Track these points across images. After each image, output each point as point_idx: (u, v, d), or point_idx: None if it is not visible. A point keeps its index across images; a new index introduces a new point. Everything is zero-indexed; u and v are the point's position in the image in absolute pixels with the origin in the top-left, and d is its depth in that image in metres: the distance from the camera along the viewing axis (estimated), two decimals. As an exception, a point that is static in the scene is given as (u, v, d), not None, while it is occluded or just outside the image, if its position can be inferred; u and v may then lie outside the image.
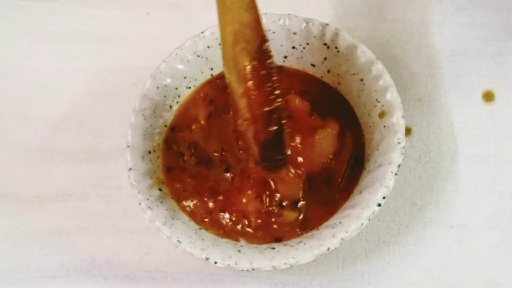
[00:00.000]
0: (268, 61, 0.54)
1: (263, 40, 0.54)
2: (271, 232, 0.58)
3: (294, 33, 0.61)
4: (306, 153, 0.58)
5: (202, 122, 0.61)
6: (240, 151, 0.58)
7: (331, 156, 0.59)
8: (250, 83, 0.54)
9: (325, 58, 0.61)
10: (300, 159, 0.58)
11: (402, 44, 0.66)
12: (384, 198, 0.55)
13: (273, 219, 0.58)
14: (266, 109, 0.54)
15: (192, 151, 0.60)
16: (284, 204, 0.58)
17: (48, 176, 0.64)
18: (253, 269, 0.54)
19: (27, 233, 0.63)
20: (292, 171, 0.58)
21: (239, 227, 0.58)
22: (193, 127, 0.61)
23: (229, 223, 0.58)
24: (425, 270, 0.59)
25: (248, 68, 0.53)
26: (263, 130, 0.55)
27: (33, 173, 0.65)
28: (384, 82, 0.59)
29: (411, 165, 0.62)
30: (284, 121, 0.55)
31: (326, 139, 0.58)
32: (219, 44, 0.61)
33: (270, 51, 0.54)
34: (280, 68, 0.62)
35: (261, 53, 0.54)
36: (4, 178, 0.65)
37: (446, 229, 0.60)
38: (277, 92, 0.54)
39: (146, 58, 0.66)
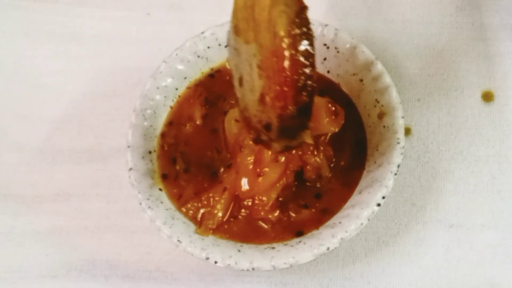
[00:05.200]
0: (306, 28, 0.50)
1: (303, 6, 0.50)
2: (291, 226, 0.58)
3: (294, 34, 0.61)
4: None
5: (198, 122, 0.61)
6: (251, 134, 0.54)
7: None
8: (286, 44, 0.49)
9: (324, 59, 0.62)
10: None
11: (401, 45, 0.66)
12: (383, 198, 0.55)
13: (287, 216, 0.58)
14: (302, 76, 0.49)
15: (181, 157, 0.60)
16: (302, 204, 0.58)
17: (49, 176, 0.64)
18: (253, 269, 0.55)
19: (28, 232, 0.63)
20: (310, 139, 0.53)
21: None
22: (187, 126, 0.61)
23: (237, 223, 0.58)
24: (424, 270, 0.59)
25: (286, 32, 0.49)
26: (296, 97, 0.50)
27: (34, 173, 0.65)
28: (383, 82, 0.59)
29: (410, 165, 0.62)
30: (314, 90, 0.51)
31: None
32: (219, 45, 0.61)
33: (309, 19, 0.51)
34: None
35: (300, 19, 0.50)
36: (5, 178, 0.65)
37: (445, 228, 0.60)
38: (311, 60, 0.50)
39: (146, 58, 0.66)
